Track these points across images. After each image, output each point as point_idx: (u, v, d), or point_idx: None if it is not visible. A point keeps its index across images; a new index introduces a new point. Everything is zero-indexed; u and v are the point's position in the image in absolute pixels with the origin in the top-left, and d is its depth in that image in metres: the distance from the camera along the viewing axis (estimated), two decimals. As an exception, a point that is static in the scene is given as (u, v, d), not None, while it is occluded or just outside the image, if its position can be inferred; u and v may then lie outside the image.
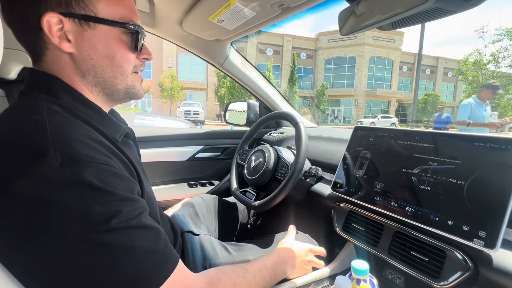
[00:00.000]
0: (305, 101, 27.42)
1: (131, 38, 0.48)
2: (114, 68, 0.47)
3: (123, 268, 0.34)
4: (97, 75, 0.47)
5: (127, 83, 0.50)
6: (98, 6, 0.44)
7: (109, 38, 0.46)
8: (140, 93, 0.53)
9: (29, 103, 0.41)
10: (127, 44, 0.48)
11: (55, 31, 0.41)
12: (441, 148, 0.60)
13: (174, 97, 20.71)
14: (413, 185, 0.61)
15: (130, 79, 0.50)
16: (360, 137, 0.80)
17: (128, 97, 0.52)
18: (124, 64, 0.48)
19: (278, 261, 0.62)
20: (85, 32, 0.43)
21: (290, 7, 0.74)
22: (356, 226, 0.73)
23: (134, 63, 0.50)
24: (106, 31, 0.45)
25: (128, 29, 0.47)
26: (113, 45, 0.46)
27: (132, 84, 0.51)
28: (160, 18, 0.95)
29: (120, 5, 0.46)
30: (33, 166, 0.32)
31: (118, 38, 0.47)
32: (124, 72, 0.49)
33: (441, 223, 0.54)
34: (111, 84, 0.48)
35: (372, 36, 25.55)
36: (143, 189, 0.46)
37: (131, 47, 0.48)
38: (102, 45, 0.45)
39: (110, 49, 0.46)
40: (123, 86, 0.50)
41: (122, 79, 0.49)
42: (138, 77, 0.53)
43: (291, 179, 0.78)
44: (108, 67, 0.47)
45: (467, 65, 19.06)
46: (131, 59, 0.49)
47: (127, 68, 0.49)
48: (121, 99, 0.52)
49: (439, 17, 0.54)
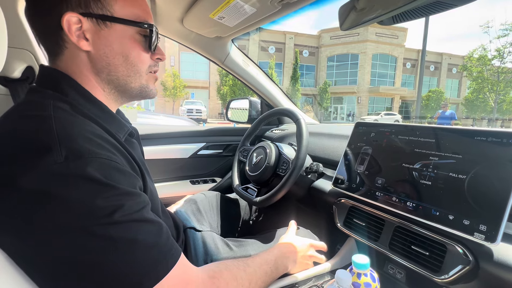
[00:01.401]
0: (308, 98, 27.32)
1: (145, 38, 0.49)
2: (128, 67, 0.49)
3: (126, 261, 0.35)
4: (111, 73, 0.48)
5: (141, 82, 0.51)
6: (115, 7, 0.46)
7: (124, 37, 0.47)
8: (153, 92, 0.55)
9: (36, 99, 0.42)
10: (141, 44, 0.49)
11: (74, 30, 0.43)
12: (442, 143, 0.60)
13: (176, 96, 20.77)
14: (414, 180, 0.61)
15: (144, 78, 0.51)
16: (361, 133, 0.80)
17: (141, 96, 0.53)
18: (138, 64, 0.49)
19: (279, 255, 0.63)
20: (102, 31, 0.45)
21: (290, 2, 0.73)
22: (357, 222, 0.73)
23: (148, 63, 0.51)
24: (121, 30, 0.47)
25: (142, 29, 0.48)
26: (128, 44, 0.48)
27: (146, 84, 0.52)
28: (161, 16, 0.96)
29: (135, 6, 0.48)
30: (38, 161, 0.33)
31: (133, 37, 0.48)
32: (138, 71, 0.50)
33: (441, 218, 0.54)
34: (124, 82, 0.50)
35: (375, 33, 25.32)
36: (146, 185, 0.47)
37: (145, 47, 0.50)
38: (117, 44, 0.47)
39: (125, 48, 0.48)
40: (137, 85, 0.51)
41: (136, 78, 0.50)
42: (153, 76, 0.54)
43: (292, 175, 0.79)
44: (122, 65, 0.48)
45: (471, 61, 18.83)
46: (145, 59, 0.50)
47: (141, 68, 0.50)
48: (134, 97, 0.53)
49: (440, 10, 0.54)
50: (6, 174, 0.33)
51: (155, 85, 0.56)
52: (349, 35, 24.77)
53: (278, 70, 25.27)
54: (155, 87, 0.55)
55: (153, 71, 0.54)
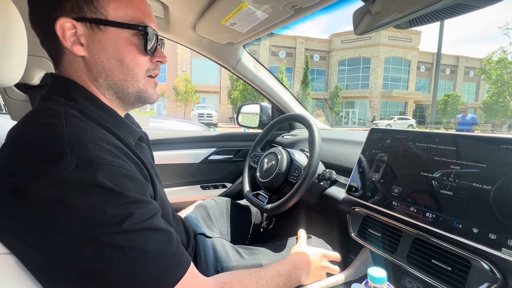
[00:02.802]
0: (319, 103, 27.10)
1: (142, 41, 0.47)
2: (124, 71, 0.47)
3: (135, 270, 0.35)
4: (108, 78, 0.47)
5: (138, 86, 0.49)
6: (108, 9, 0.44)
7: (118, 40, 0.45)
8: (152, 97, 0.52)
9: (48, 106, 0.42)
10: (138, 47, 0.47)
11: (68, 35, 0.43)
12: (464, 151, 0.57)
13: (188, 101, 21.10)
14: (433, 189, 0.58)
15: (142, 82, 0.49)
16: (376, 140, 0.77)
17: (140, 101, 0.51)
18: (135, 68, 0.47)
19: (292, 267, 0.61)
20: (96, 36, 0.44)
21: (302, 7, 0.73)
22: (373, 232, 0.70)
23: (146, 67, 0.49)
24: (115, 33, 0.45)
25: (137, 31, 0.46)
26: (123, 47, 0.46)
27: (144, 88, 0.50)
28: (174, 23, 0.97)
29: (131, 7, 0.46)
30: (49, 168, 0.33)
31: (128, 40, 0.46)
32: (135, 75, 0.48)
33: (465, 231, 0.51)
34: (121, 87, 0.48)
35: (387, 36, 24.94)
36: (156, 191, 0.47)
37: (141, 50, 0.47)
38: (111, 47, 0.45)
39: (120, 52, 0.46)
40: (134, 90, 0.49)
41: (133, 82, 0.48)
42: (152, 81, 0.52)
43: (304, 182, 0.77)
44: (118, 69, 0.46)
45: (490, 64, 18.20)
46: (142, 62, 0.48)
47: (138, 72, 0.48)
48: (133, 103, 0.51)
49: (461, 13, 0.52)
50: (19, 181, 0.33)
51: (155, 90, 0.53)
52: (361, 39, 24.50)
53: (289, 74, 25.25)
54: (155, 92, 0.53)
55: (153, 75, 0.52)
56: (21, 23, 0.49)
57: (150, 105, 9.51)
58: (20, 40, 0.49)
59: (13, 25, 0.47)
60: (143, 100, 0.51)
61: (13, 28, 0.47)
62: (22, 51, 0.50)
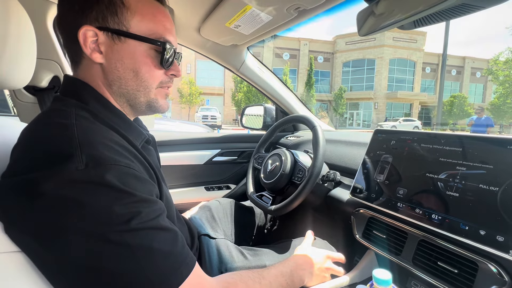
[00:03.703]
0: (323, 104, 27.02)
1: (159, 55, 0.48)
2: (138, 82, 0.48)
3: (141, 268, 0.35)
4: (122, 86, 0.48)
5: (150, 96, 0.50)
6: (131, 22, 0.46)
7: (136, 52, 0.47)
8: (162, 107, 0.54)
9: (60, 108, 0.43)
10: (154, 60, 0.48)
11: (89, 42, 0.45)
12: (470, 152, 0.56)
13: (192, 103, 21.23)
14: (439, 191, 0.58)
15: (153, 92, 0.51)
16: (381, 141, 0.77)
17: (150, 110, 0.53)
18: (149, 79, 0.49)
19: (295, 268, 0.61)
20: (115, 45, 0.46)
21: (306, 9, 0.73)
22: (377, 234, 0.70)
23: (160, 79, 0.51)
24: (134, 46, 0.46)
25: (155, 45, 0.48)
26: (140, 60, 0.47)
27: (155, 98, 0.51)
28: (179, 25, 0.98)
29: (153, 22, 0.48)
30: (60, 168, 0.34)
31: (145, 53, 0.47)
32: (148, 86, 0.49)
33: (471, 233, 0.50)
34: (134, 96, 0.49)
35: (392, 37, 24.79)
36: (161, 192, 0.47)
37: (157, 63, 0.49)
38: (129, 58, 0.47)
39: (136, 64, 0.47)
40: (145, 99, 0.50)
41: (145, 93, 0.50)
42: (163, 91, 0.53)
43: (308, 184, 0.77)
44: (133, 80, 0.48)
45: (497, 65, 17.96)
46: (156, 75, 0.50)
47: (152, 83, 0.50)
48: (144, 111, 0.53)
49: (466, 13, 0.51)
50: (29, 180, 0.34)
51: (166, 100, 0.55)
52: (365, 40, 24.40)
53: (293, 76, 25.27)
54: (166, 103, 0.54)
55: (166, 87, 0.53)
56: (31, 26, 0.51)
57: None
58: (29, 43, 0.50)
59: (23, 28, 0.48)
60: (154, 110, 0.53)
61: (23, 31, 0.48)
62: (32, 54, 0.51)
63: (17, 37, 0.46)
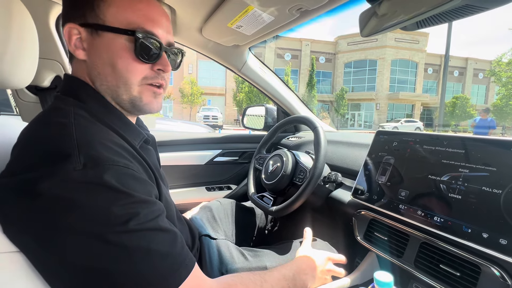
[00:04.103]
0: (324, 105, 26.99)
1: (140, 47, 0.44)
2: (116, 77, 0.45)
3: (139, 269, 0.35)
4: (103, 83, 0.46)
5: (132, 94, 0.47)
6: (107, 14, 0.44)
7: (112, 45, 0.44)
8: (149, 107, 0.49)
9: (59, 106, 0.43)
10: (132, 53, 0.45)
11: (74, 40, 0.45)
12: (473, 154, 0.56)
13: (194, 103, 21.27)
14: (441, 193, 0.57)
15: (136, 90, 0.47)
16: (383, 142, 0.76)
17: (135, 109, 0.49)
18: (127, 74, 0.45)
19: (298, 272, 0.60)
20: (94, 41, 0.45)
21: (308, 10, 0.73)
22: (379, 235, 0.69)
23: (143, 74, 0.47)
24: (109, 38, 0.44)
25: (136, 37, 0.44)
26: (115, 53, 0.44)
27: (138, 96, 0.47)
28: (180, 26, 0.98)
29: (130, 12, 0.45)
30: (58, 168, 0.34)
31: (123, 46, 0.44)
32: (127, 82, 0.46)
33: (474, 235, 0.50)
34: (115, 93, 0.47)
35: (394, 38, 24.72)
36: (160, 192, 0.47)
37: (136, 56, 0.45)
38: (105, 53, 0.45)
39: (113, 57, 0.45)
40: (127, 97, 0.47)
41: (125, 89, 0.46)
42: (150, 89, 0.48)
43: (309, 185, 0.76)
44: (111, 75, 0.45)
45: (500, 66, 17.87)
46: (137, 70, 0.46)
47: (132, 79, 0.46)
48: (131, 111, 0.49)
49: (469, 14, 0.51)
50: (27, 180, 0.34)
51: (155, 99, 0.49)
52: (367, 41, 24.33)
53: (294, 76, 25.25)
54: (154, 101, 0.49)
55: (154, 84, 0.48)
56: (33, 26, 0.51)
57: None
58: (32, 43, 0.50)
59: (26, 28, 0.48)
60: (138, 109, 0.49)
61: (25, 31, 0.48)
62: (34, 54, 0.51)
63: (19, 36, 0.46)
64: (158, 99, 0.50)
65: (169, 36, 0.50)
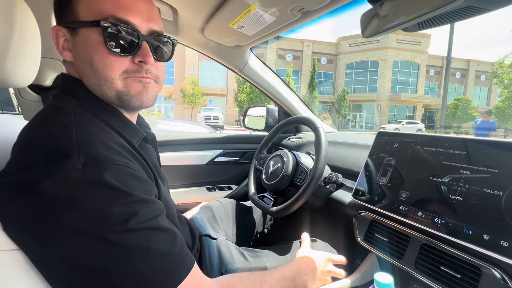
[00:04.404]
0: (325, 106, 26.97)
1: (109, 37, 0.41)
2: (96, 75, 0.43)
3: (138, 269, 0.35)
4: (87, 83, 0.44)
5: (116, 89, 0.44)
6: (80, 8, 0.42)
7: (88, 42, 0.42)
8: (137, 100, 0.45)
9: (58, 105, 0.43)
10: (107, 45, 0.41)
11: (61, 42, 0.45)
12: (474, 155, 0.56)
13: (195, 103, 21.31)
14: (442, 194, 0.57)
15: (120, 84, 0.44)
16: (384, 143, 0.76)
17: (123, 105, 0.45)
18: (105, 70, 0.42)
19: (298, 272, 0.60)
20: (74, 40, 0.44)
21: (310, 11, 0.73)
22: (379, 237, 0.69)
23: (123, 68, 0.43)
24: (84, 34, 0.42)
25: (106, 27, 0.40)
26: (91, 48, 0.42)
27: (126, 90, 0.44)
28: (182, 26, 0.98)
29: (101, 1, 0.41)
30: (58, 167, 0.34)
31: (96, 39, 0.41)
32: (107, 78, 0.43)
33: (475, 237, 0.49)
34: (100, 92, 0.44)
35: (396, 39, 24.69)
36: (160, 192, 0.47)
37: (111, 49, 0.41)
38: (84, 50, 0.43)
39: (90, 54, 0.42)
40: (112, 94, 0.44)
41: (108, 86, 0.43)
42: (135, 80, 0.44)
43: (310, 185, 0.76)
44: (91, 74, 0.43)
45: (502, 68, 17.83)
46: (113, 64, 0.42)
47: (110, 74, 0.43)
48: (124, 108, 0.47)
49: (471, 15, 0.51)
50: (27, 179, 0.34)
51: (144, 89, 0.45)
52: (369, 42, 24.34)
53: (296, 77, 25.24)
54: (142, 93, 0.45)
55: (138, 77, 0.44)
56: (36, 25, 0.51)
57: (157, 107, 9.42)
58: (34, 42, 0.50)
59: (28, 27, 0.48)
60: (126, 104, 0.45)
61: (28, 30, 0.48)
62: (36, 53, 0.52)
63: (22, 35, 0.46)
64: (148, 89, 0.46)
65: (151, 23, 0.45)
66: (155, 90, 0.48)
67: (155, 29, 0.46)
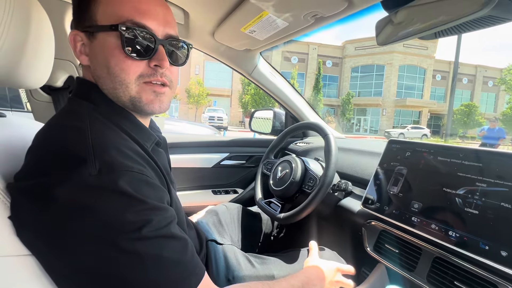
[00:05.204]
0: (330, 109, 26.89)
1: (126, 41, 0.41)
2: (112, 78, 0.43)
3: (150, 277, 0.35)
4: (103, 87, 0.45)
5: (130, 94, 0.44)
6: (98, 13, 0.43)
7: (105, 46, 0.42)
8: (150, 107, 0.45)
9: (74, 109, 0.43)
10: (124, 50, 0.42)
11: (78, 46, 0.45)
12: (491, 168, 0.54)
13: (199, 103, 21.41)
14: (457, 207, 0.56)
15: (134, 90, 0.44)
16: (395, 151, 0.75)
17: (136, 110, 0.46)
18: (121, 73, 0.43)
19: (306, 282, 0.59)
20: (92, 44, 0.44)
21: (324, 17, 0.72)
22: (389, 248, 0.68)
23: (139, 72, 0.43)
24: (102, 38, 0.43)
25: (124, 31, 0.41)
26: (108, 52, 0.42)
27: (138, 97, 0.44)
28: (193, 29, 0.99)
29: (119, 5, 0.42)
30: (73, 173, 0.34)
31: (113, 43, 0.42)
32: (123, 82, 0.43)
33: (492, 253, 0.48)
34: (115, 96, 0.44)
35: (402, 44, 24.47)
36: (172, 198, 0.47)
37: (126, 53, 0.42)
38: (100, 54, 0.43)
39: (106, 58, 0.43)
40: (126, 98, 0.44)
41: (123, 90, 0.43)
42: (149, 88, 0.45)
43: (319, 193, 0.75)
44: (107, 77, 0.43)
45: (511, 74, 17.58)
46: (129, 67, 0.43)
47: (126, 78, 0.43)
48: (138, 113, 0.47)
49: (491, 25, 0.50)
50: (43, 184, 0.34)
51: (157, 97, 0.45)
52: (375, 46, 24.22)
53: (301, 80, 25.25)
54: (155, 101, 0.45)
55: (153, 81, 0.45)
56: (50, 27, 0.51)
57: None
58: (48, 44, 0.51)
59: (43, 30, 0.48)
60: (139, 110, 0.46)
61: (43, 33, 0.48)
62: (50, 55, 0.52)
63: (37, 38, 0.47)
64: (162, 98, 0.46)
65: (167, 27, 0.46)
66: (169, 97, 0.49)
67: (171, 33, 0.47)
